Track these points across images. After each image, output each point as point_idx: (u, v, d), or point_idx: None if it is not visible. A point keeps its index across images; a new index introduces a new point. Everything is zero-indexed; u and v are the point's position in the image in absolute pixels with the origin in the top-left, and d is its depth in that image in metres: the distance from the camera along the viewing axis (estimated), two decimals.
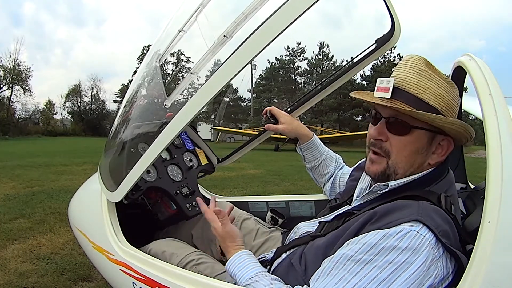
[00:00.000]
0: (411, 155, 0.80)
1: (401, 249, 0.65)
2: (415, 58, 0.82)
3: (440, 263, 0.67)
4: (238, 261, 0.88)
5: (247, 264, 0.87)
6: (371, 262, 0.66)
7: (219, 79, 0.84)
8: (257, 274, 0.83)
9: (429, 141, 0.80)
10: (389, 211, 0.74)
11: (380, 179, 0.85)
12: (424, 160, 0.82)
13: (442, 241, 0.67)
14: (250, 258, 0.89)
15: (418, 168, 0.82)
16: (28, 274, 2.25)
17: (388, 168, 0.83)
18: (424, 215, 0.69)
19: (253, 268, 0.85)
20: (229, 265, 0.89)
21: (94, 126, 37.23)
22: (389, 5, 1.09)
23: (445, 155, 0.81)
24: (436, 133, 0.80)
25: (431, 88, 0.78)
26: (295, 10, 0.74)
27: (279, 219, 1.47)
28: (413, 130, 0.79)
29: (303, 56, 38.16)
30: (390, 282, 0.64)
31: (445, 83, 0.79)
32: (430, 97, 0.78)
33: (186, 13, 1.30)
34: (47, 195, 4.58)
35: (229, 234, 0.95)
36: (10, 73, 30.98)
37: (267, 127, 1.35)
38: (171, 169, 1.43)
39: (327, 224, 0.94)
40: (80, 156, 10.10)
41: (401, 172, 0.82)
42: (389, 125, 0.81)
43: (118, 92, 40.58)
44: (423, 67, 0.79)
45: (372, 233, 0.70)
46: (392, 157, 0.82)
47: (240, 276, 0.85)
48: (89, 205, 1.44)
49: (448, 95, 0.79)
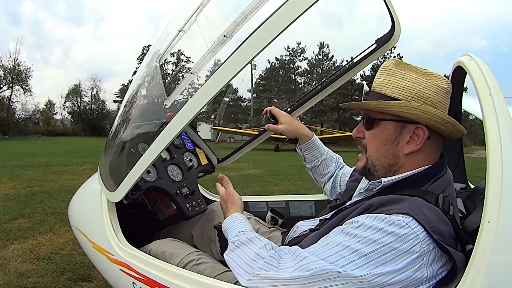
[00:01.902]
0: (380, 146, 0.86)
1: (387, 232, 0.68)
2: (388, 61, 0.88)
3: (426, 258, 0.68)
4: (234, 218, 0.97)
5: (240, 222, 0.94)
6: (357, 236, 0.70)
7: (219, 79, 0.84)
8: (246, 230, 0.90)
9: (397, 130, 0.83)
10: (385, 202, 0.76)
11: (364, 173, 0.92)
12: (397, 150, 0.84)
13: (434, 237, 0.68)
14: (244, 220, 0.97)
15: (395, 159, 0.84)
16: (28, 274, 2.25)
17: (367, 161, 0.89)
18: (415, 210, 0.71)
19: (244, 225, 0.93)
20: (226, 221, 0.98)
21: (94, 126, 37.20)
22: (389, 5, 1.09)
23: (420, 144, 0.82)
24: (404, 123, 0.82)
25: (394, 83, 0.83)
26: (295, 10, 0.74)
27: (279, 219, 1.47)
28: (378, 122, 0.85)
29: (303, 56, 38.17)
30: (370, 259, 0.67)
31: (412, 75, 0.82)
32: (393, 90, 0.83)
33: (186, 13, 1.30)
34: (47, 195, 4.58)
35: (231, 197, 1.06)
36: (10, 73, 30.98)
37: (267, 127, 1.35)
38: (171, 169, 1.43)
39: (326, 221, 0.94)
40: (80, 156, 10.09)
41: (379, 164, 0.87)
42: (364, 123, 0.89)
43: (118, 92, 40.63)
44: (390, 67, 0.86)
45: (365, 215, 0.75)
46: (368, 151, 0.89)
47: (232, 230, 0.91)
48: (89, 205, 1.44)
49: (416, 85, 0.81)
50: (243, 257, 0.82)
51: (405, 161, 0.84)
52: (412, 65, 0.86)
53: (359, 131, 0.92)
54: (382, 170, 0.87)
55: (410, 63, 0.87)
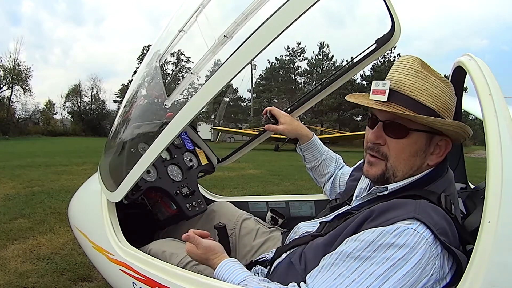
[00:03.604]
0: (410, 158, 0.80)
1: (398, 246, 0.66)
2: (411, 59, 0.81)
3: (437, 261, 0.68)
4: (226, 267, 0.86)
5: (235, 269, 0.85)
6: (369, 258, 0.67)
7: (219, 79, 0.84)
8: (246, 278, 0.82)
9: (427, 142, 0.80)
10: (387, 209, 0.74)
11: (380, 181, 0.85)
12: (423, 161, 0.82)
13: (440, 239, 0.68)
14: (236, 264, 0.88)
15: (417, 169, 0.83)
16: (28, 274, 2.25)
17: (387, 170, 0.83)
18: (422, 213, 0.70)
19: (241, 273, 0.84)
20: (217, 273, 0.87)
21: (94, 126, 37.19)
22: (389, 5, 1.09)
23: (443, 155, 0.81)
24: (434, 134, 0.80)
25: (428, 89, 0.78)
26: (295, 10, 0.74)
27: (279, 219, 1.47)
28: (411, 132, 0.78)
29: (303, 56, 38.15)
30: (387, 277, 0.65)
31: (441, 83, 0.79)
32: (427, 98, 0.78)
33: (186, 13, 1.30)
34: (47, 195, 4.58)
35: (208, 249, 0.92)
36: (10, 73, 30.98)
37: (267, 127, 1.35)
38: (171, 169, 1.43)
39: (327, 224, 0.94)
40: (80, 156, 10.09)
41: (400, 175, 0.82)
42: (386, 128, 0.81)
43: (118, 92, 40.56)
44: (419, 68, 0.79)
45: (370, 230, 0.71)
46: (390, 160, 0.82)
47: (230, 281, 0.83)
48: (89, 205, 1.44)
49: (444, 95, 0.79)
50: None
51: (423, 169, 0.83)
52: (430, 66, 0.82)
53: (379, 136, 0.82)
54: (400, 178, 0.83)
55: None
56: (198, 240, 0.93)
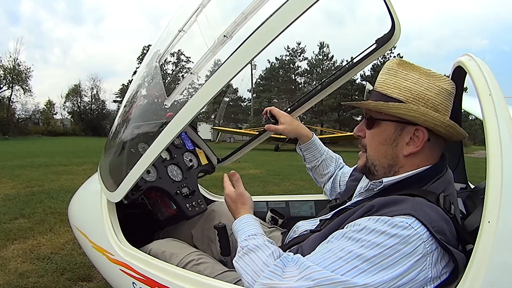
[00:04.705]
0: (379, 146, 0.86)
1: (390, 234, 0.67)
2: (391, 60, 0.88)
3: (429, 258, 0.68)
4: (245, 220, 0.95)
5: (251, 224, 0.93)
6: (360, 240, 0.69)
7: (219, 79, 0.84)
8: (257, 233, 0.89)
9: (396, 131, 0.83)
10: (386, 204, 0.75)
11: (365, 172, 0.92)
12: (396, 151, 0.84)
13: (436, 236, 0.68)
14: (256, 222, 0.95)
15: (394, 159, 0.84)
16: (28, 274, 2.25)
17: (367, 161, 0.89)
18: (418, 210, 0.70)
19: (254, 228, 0.91)
20: (236, 223, 0.96)
21: (94, 126, 37.21)
22: (389, 4, 1.09)
23: (419, 146, 0.82)
24: (404, 124, 0.82)
25: (396, 83, 0.83)
26: (295, 10, 0.74)
27: (279, 219, 1.47)
28: (379, 122, 0.85)
29: (303, 56, 38.17)
30: (374, 263, 0.66)
31: (415, 76, 0.82)
32: (394, 90, 0.83)
33: (186, 13, 1.30)
34: (47, 195, 4.58)
35: (243, 196, 1.03)
36: (10, 73, 30.99)
37: (267, 127, 1.35)
38: (171, 169, 1.43)
39: (327, 221, 0.95)
40: (80, 156, 10.09)
41: (378, 164, 0.87)
42: (366, 123, 0.89)
43: (118, 92, 40.62)
44: (394, 67, 0.85)
45: (367, 217, 0.74)
46: (368, 150, 0.89)
47: (242, 233, 0.90)
48: (89, 205, 1.44)
49: (417, 86, 0.81)
50: (250, 265, 0.81)
51: (405, 162, 0.84)
52: (416, 65, 0.85)
53: (360, 129, 0.92)
54: (382, 170, 0.87)
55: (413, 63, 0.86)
56: (239, 184, 1.06)
